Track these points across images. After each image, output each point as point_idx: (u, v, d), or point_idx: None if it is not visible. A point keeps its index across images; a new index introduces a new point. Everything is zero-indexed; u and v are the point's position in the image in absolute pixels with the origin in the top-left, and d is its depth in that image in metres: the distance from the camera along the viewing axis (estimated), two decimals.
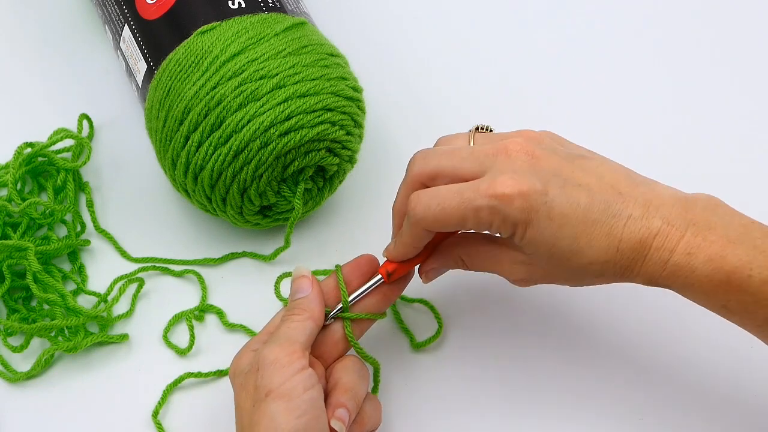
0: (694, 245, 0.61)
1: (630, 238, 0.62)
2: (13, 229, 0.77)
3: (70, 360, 0.75)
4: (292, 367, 0.63)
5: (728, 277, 0.61)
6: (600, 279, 0.64)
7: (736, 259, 0.61)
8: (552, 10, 0.91)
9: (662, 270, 0.62)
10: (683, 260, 0.61)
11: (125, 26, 0.77)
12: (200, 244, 0.80)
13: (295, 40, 0.73)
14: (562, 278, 0.65)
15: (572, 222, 0.62)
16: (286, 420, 0.61)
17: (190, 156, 0.72)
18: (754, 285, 0.61)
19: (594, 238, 0.62)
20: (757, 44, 0.89)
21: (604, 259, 0.62)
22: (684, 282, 0.62)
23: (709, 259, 0.61)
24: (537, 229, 0.62)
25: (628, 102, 0.87)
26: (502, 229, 0.63)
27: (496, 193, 0.62)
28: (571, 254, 0.62)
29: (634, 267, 0.62)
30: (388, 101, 0.85)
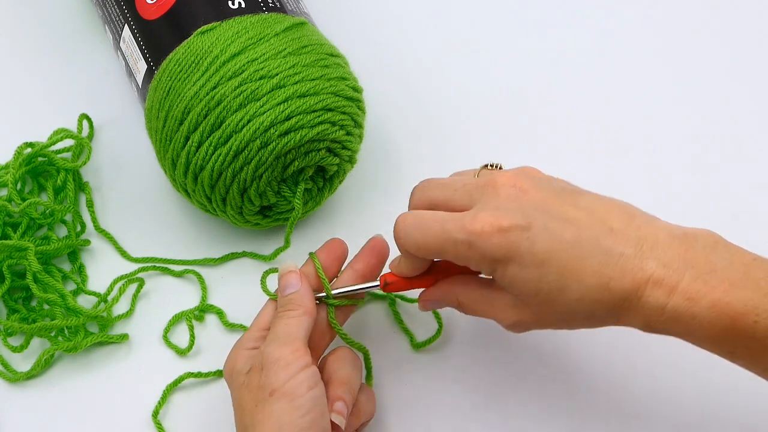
0: (694, 290, 0.59)
1: (622, 278, 0.59)
2: (13, 229, 0.77)
3: (70, 360, 0.75)
4: (296, 365, 0.63)
5: (733, 324, 0.58)
6: (591, 321, 0.62)
7: (741, 305, 0.58)
8: (552, 10, 0.91)
9: (660, 315, 0.59)
10: (683, 306, 0.59)
11: (125, 26, 0.77)
12: (200, 244, 0.80)
13: (295, 40, 0.73)
14: (553, 320, 0.63)
15: (557, 257, 0.60)
16: (290, 419, 0.62)
17: (190, 156, 0.72)
18: (761, 331, 0.58)
19: (582, 275, 0.60)
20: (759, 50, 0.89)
21: (594, 298, 0.60)
22: (685, 328, 0.59)
23: (712, 305, 0.58)
24: (519, 266, 0.61)
25: (628, 102, 0.87)
26: (481, 265, 0.62)
27: (474, 229, 0.61)
28: (558, 291, 0.60)
29: (628, 310, 0.60)
30: (388, 101, 0.85)
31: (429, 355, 0.75)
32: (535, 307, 0.62)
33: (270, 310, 0.69)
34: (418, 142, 0.84)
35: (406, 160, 0.84)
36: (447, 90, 0.87)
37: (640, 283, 0.59)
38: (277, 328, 0.66)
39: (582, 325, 0.63)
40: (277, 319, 0.67)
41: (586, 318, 0.61)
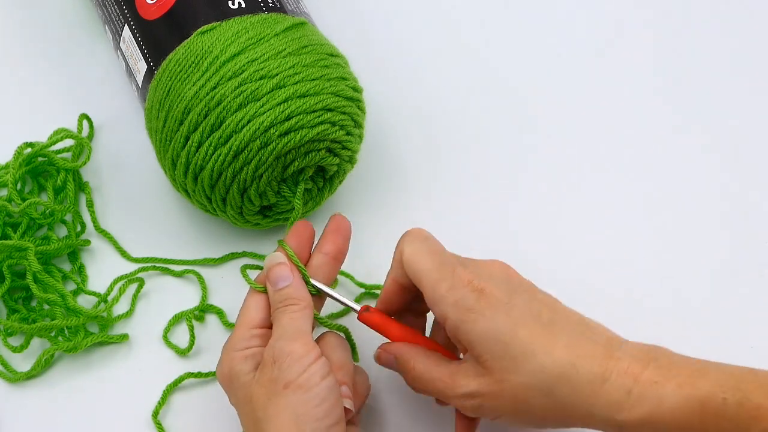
0: (659, 375, 0.60)
1: (592, 356, 0.61)
2: (13, 229, 0.77)
3: (70, 360, 0.75)
4: (308, 357, 0.63)
5: (702, 405, 0.59)
6: (550, 406, 0.61)
7: (707, 385, 0.59)
8: (552, 11, 0.91)
9: (626, 398, 0.59)
10: (649, 389, 0.59)
11: (125, 26, 0.77)
12: (200, 244, 0.80)
13: (295, 40, 0.73)
14: (509, 397, 0.62)
15: (530, 326, 0.62)
16: (306, 410, 0.62)
17: (190, 156, 0.72)
18: (731, 410, 0.58)
19: (551, 347, 0.61)
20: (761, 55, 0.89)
21: (559, 372, 0.60)
22: (654, 413, 0.59)
23: (678, 386, 0.59)
24: (489, 324, 0.62)
25: (629, 103, 0.87)
26: (452, 311, 0.63)
27: (462, 278, 0.63)
28: (524, 357, 0.61)
29: (592, 394, 0.60)
30: (388, 101, 0.85)
31: None
32: (497, 375, 0.62)
33: (255, 306, 0.68)
34: (418, 142, 0.84)
35: (406, 160, 0.84)
36: (447, 90, 0.87)
37: (608, 365, 0.60)
38: (284, 323, 0.65)
39: (540, 410, 0.62)
40: (280, 314, 0.66)
41: (546, 399, 0.61)
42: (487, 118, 0.86)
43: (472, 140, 0.85)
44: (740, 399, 0.58)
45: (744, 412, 0.58)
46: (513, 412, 0.63)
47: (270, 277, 0.68)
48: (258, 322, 0.67)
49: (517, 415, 0.63)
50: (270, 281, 0.68)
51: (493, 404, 0.63)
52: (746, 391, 0.59)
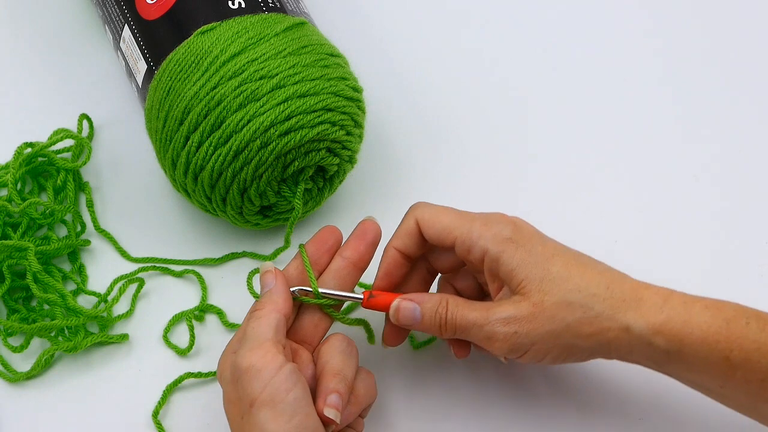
0: (686, 297, 0.63)
1: (622, 282, 0.64)
2: (13, 229, 0.77)
3: (70, 360, 0.75)
4: (269, 369, 0.62)
5: (728, 324, 0.62)
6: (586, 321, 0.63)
7: (731, 309, 0.62)
8: (553, 12, 0.91)
9: (658, 314, 0.62)
10: (679, 306, 0.63)
11: (125, 26, 0.77)
12: (200, 244, 0.80)
13: (295, 40, 0.73)
14: (547, 319, 0.63)
15: (564, 255, 0.65)
16: (277, 426, 0.61)
17: (190, 156, 0.72)
18: (753, 333, 0.61)
19: (585, 272, 0.64)
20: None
21: (594, 291, 0.63)
22: (683, 327, 0.62)
23: (705, 307, 0.63)
24: (528, 252, 0.64)
25: (629, 104, 0.87)
26: (491, 243, 0.65)
27: (490, 216, 0.67)
28: (560, 280, 0.63)
29: (626, 311, 0.63)
30: (388, 101, 0.85)
31: (429, 355, 0.75)
32: (535, 297, 0.64)
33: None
34: (418, 141, 0.84)
35: (406, 160, 0.84)
36: (447, 90, 0.87)
37: (639, 288, 0.64)
38: (246, 331, 0.64)
39: (575, 327, 0.63)
40: (245, 322, 0.66)
41: (582, 313, 0.63)
42: (488, 118, 0.86)
43: (472, 140, 0.85)
44: (762, 325, 0.61)
45: (765, 337, 0.61)
46: (547, 334, 0.64)
47: (261, 287, 0.68)
48: None
49: (552, 339, 0.64)
50: (260, 288, 0.68)
51: (529, 328, 0.64)
52: (766, 320, 0.62)
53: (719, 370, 0.62)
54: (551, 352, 0.64)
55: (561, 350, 0.64)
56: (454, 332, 0.66)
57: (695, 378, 0.64)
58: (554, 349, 0.64)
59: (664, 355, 0.63)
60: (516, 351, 0.65)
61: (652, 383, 0.73)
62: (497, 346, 0.65)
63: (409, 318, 0.67)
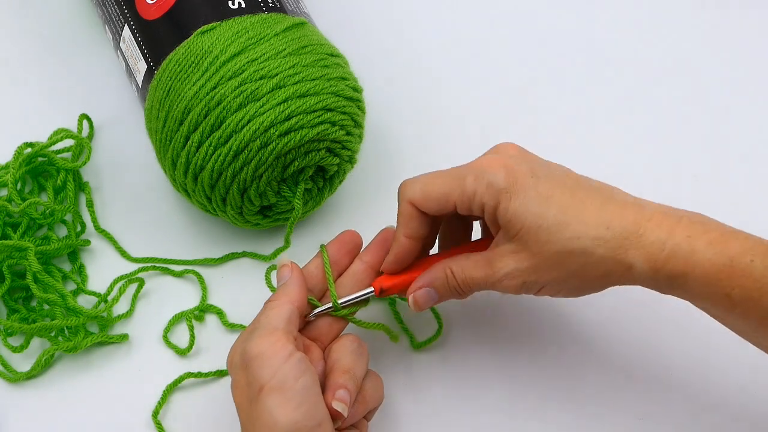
0: (692, 230, 0.62)
1: (622, 217, 0.62)
2: (13, 229, 0.77)
3: (70, 360, 0.75)
4: (278, 356, 0.62)
5: (731, 262, 0.60)
6: (589, 264, 0.62)
7: (737, 244, 0.61)
8: (552, 10, 0.91)
9: (661, 250, 0.61)
10: (683, 241, 0.61)
11: (125, 26, 0.77)
12: (200, 244, 0.80)
13: (295, 40, 0.73)
14: (550, 265, 0.63)
15: (559, 197, 0.63)
16: (284, 413, 0.61)
17: (190, 156, 0.72)
18: (758, 271, 0.60)
19: (583, 212, 0.63)
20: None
21: (594, 235, 0.62)
22: (685, 265, 0.61)
23: (710, 243, 0.61)
24: (522, 200, 0.63)
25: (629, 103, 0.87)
26: (486, 196, 0.64)
27: (481, 164, 0.65)
28: (558, 227, 0.62)
29: (628, 249, 0.62)
30: (388, 101, 0.85)
31: (429, 355, 0.75)
32: (534, 247, 0.63)
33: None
34: (418, 141, 0.85)
35: (406, 160, 0.84)
36: (447, 89, 0.87)
37: (641, 222, 0.62)
38: (259, 321, 0.65)
39: (580, 273, 0.63)
40: (259, 313, 0.66)
41: (585, 260, 0.62)
42: (488, 118, 0.86)
43: (472, 140, 0.84)
44: (767, 263, 0.60)
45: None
46: (554, 280, 0.64)
47: (277, 280, 0.69)
48: None
49: (559, 283, 0.64)
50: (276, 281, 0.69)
51: (535, 277, 0.64)
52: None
53: (720, 305, 0.61)
54: (562, 290, 0.65)
55: (571, 288, 0.65)
56: (471, 291, 0.67)
57: (699, 306, 0.63)
58: (564, 288, 0.65)
59: (668, 287, 0.62)
60: (529, 292, 0.65)
61: (652, 383, 0.73)
62: (511, 293, 0.65)
63: (428, 301, 0.68)
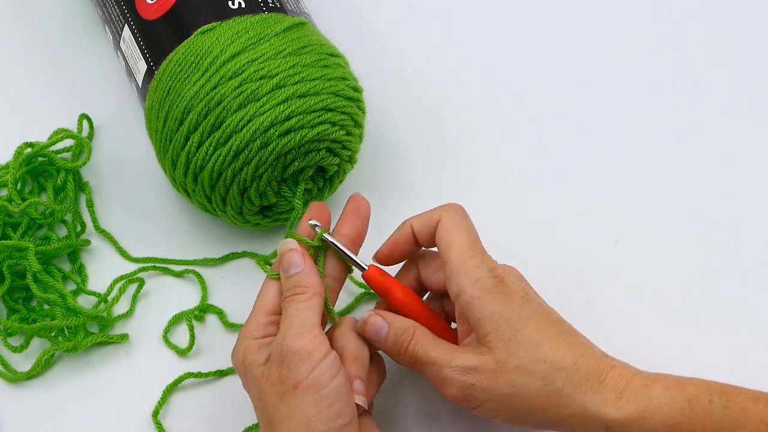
0: (648, 379, 0.62)
1: (590, 359, 0.63)
2: (13, 229, 0.77)
3: (70, 360, 0.75)
4: (317, 354, 0.62)
5: (690, 404, 0.61)
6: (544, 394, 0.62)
7: (693, 388, 0.61)
8: (552, 10, 0.91)
9: (619, 397, 0.61)
10: (640, 389, 0.62)
11: (125, 26, 0.77)
12: (200, 244, 0.80)
13: (295, 40, 0.73)
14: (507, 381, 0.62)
15: (540, 321, 0.64)
16: (318, 411, 0.61)
17: (190, 156, 0.72)
18: (717, 411, 0.60)
19: (556, 342, 0.63)
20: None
21: (560, 365, 0.62)
22: (644, 410, 0.61)
23: (666, 388, 0.62)
24: (503, 306, 0.63)
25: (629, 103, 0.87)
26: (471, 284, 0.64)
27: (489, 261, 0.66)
28: (529, 345, 0.62)
29: (588, 390, 0.62)
30: (388, 101, 0.85)
31: None
32: (499, 355, 0.63)
33: (271, 292, 0.67)
34: (418, 142, 0.84)
35: (406, 160, 0.84)
36: (447, 89, 0.87)
37: (605, 369, 0.63)
38: (291, 315, 0.64)
39: (530, 397, 0.62)
40: (288, 305, 0.65)
41: (541, 385, 0.62)
42: (488, 118, 0.86)
43: (472, 140, 0.85)
44: (726, 402, 0.60)
45: (730, 414, 0.60)
46: (502, 398, 0.63)
47: (282, 264, 0.67)
48: (274, 307, 0.66)
49: (505, 403, 0.63)
50: (282, 268, 0.67)
51: (486, 385, 0.63)
52: (731, 395, 0.61)
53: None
54: (504, 413, 0.64)
55: (512, 415, 0.64)
56: (413, 363, 0.66)
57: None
58: (506, 412, 0.64)
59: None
60: (468, 402, 0.64)
61: None
62: (450, 392, 0.64)
63: (374, 334, 0.67)
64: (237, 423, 0.72)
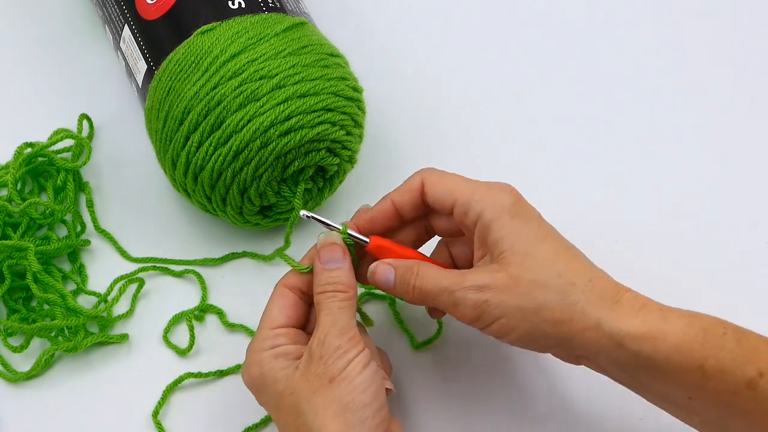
0: (664, 307, 0.62)
1: (605, 280, 0.63)
2: (13, 229, 0.77)
3: (70, 360, 0.75)
4: (353, 351, 0.64)
5: (704, 333, 0.61)
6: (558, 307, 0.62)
7: (708, 319, 0.62)
8: (552, 10, 0.91)
9: (633, 316, 0.61)
10: (656, 311, 0.62)
11: (125, 26, 0.77)
12: (200, 244, 0.80)
13: (295, 40, 0.73)
14: (522, 292, 0.63)
15: (557, 241, 0.65)
16: (353, 397, 0.62)
17: (190, 156, 0.72)
18: (729, 344, 0.60)
19: (571, 261, 0.64)
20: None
21: (575, 281, 0.62)
22: (658, 331, 0.61)
23: (682, 316, 0.62)
24: (521, 226, 0.64)
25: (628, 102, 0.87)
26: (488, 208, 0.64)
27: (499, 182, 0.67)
28: (545, 261, 0.63)
29: (603, 307, 0.62)
30: (388, 101, 0.85)
31: (429, 355, 0.75)
32: (514, 270, 0.63)
33: (276, 308, 0.67)
34: (418, 142, 0.85)
35: (406, 160, 0.84)
36: (447, 89, 0.87)
37: (620, 290, 0.63)
38: (334, 313, 0.65)
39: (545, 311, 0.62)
40: (328, 301, 0.66)
41: (556, 298, 0.62)
42: (488, 118, 0.86)
43: (472, 140, 0.85)
44: (739, 337, 0.60)
45: (742, 349, 0.60)
46: (517, 311, 0.63)
47: (321, 256, 0.67)
48: (281, 323, 0.67)
49: (520, 317, 0.63)
50: (321, 259, 0.67)
51: (500, 299, 0.63)
52: (745, 333, 0.61)
53: (691, 380, 0.60)
54: (516, 330, 0.63)
55: (526, 331, 0.63)
56: (424, 298, 0.66)
57: (662, 389, 0.62)
58: (520, 327, 0.63)
59: (633, 359, 0.61)
60: (482, 320, 0.64)
61: None
62: (465, 312, 0.64)
63: (384, 279, 0.67)
64: (237, 423, 0.72)
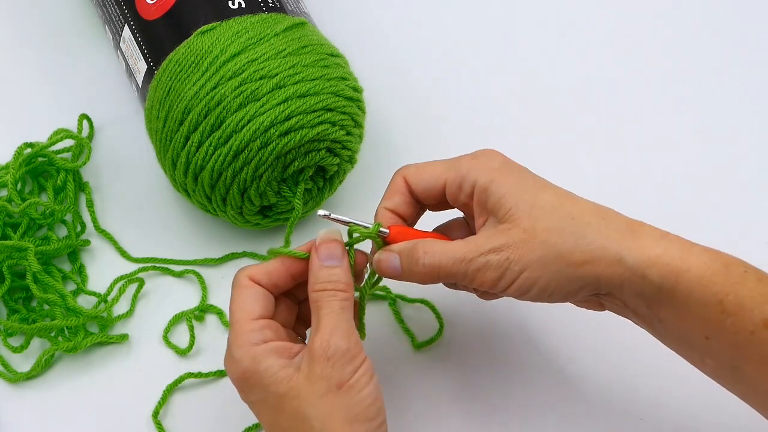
0: (686, 240, 0.61)
1: (617, 216, 0.63)
2: (13, 229, 0.77)
3: (70, 360, 0.75)
4: (359, 357, 0.63)
5: (726, 268, 0.60)
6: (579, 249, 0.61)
7: (729, 257, 0.61)
8: (552, 9, 0.91)
9: (655, 246, 0.60)
10: (678, 243, 0.61)
11: (125, 26, 0.77)
12: (200, 244, 0.80)
13: (295, 40, 0.73)
14: (537, 245, 0.62)
15: (555, 189, 0.64)
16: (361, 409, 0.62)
17: (190, 156, 0.72)
18: (751, 282, 0.59)
19: (577, 203, 0.63)
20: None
21: (588, 221, 0.62)
22: (681, 262, 0.60)
23: (704, 250, 0.61)
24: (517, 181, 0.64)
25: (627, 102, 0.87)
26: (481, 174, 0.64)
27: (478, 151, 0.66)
28: (552, 207, 0.62)
29: (622, 240, 0.61)
30: (388, 101, 0.85)
31: (430, 355, 0.75)
32: (526, 222, 0.62)
33: (250, 298, 0.65)
34: (418, 142, 0.85)
35: (406, 160, 0.83)
36: (447, 89, 0.87)
37: (635, 225, 0.62)
38: (336, 312, 0.63)
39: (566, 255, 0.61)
40: (329, 299, 0.64)
41: (575, 240, 0.61)
42: (489, 118, 0.86)
43: (473, 140, 0.84)
44: (760, 276, 0.60)
45: (763, 288, 0.59)
46: (538, 262, 0.62)
47: (320, 252, 0.65)
48: (259, 314, 0.64)
49: (542, 267, 0.62)
50: (320, 256, 0.65)
51: (520, 254, 0.62)
52: (765, 274, 0.60)
53: (710, 315, 0.60)
54: (539, 281, 0.62)
55: (550, 279, 0.62)
56: (436, 275, 0.64)
57: (682, 326, 0.61)
58: (543, 278, 0.62)
59: (656, 291, 0.60)
60: (504, 279, 0.63)
61: (652, 383, 0.73)
62: (489, 277, 0.63)
63: (390, 267, 0.66)
64: (237, 423, 0.72)
